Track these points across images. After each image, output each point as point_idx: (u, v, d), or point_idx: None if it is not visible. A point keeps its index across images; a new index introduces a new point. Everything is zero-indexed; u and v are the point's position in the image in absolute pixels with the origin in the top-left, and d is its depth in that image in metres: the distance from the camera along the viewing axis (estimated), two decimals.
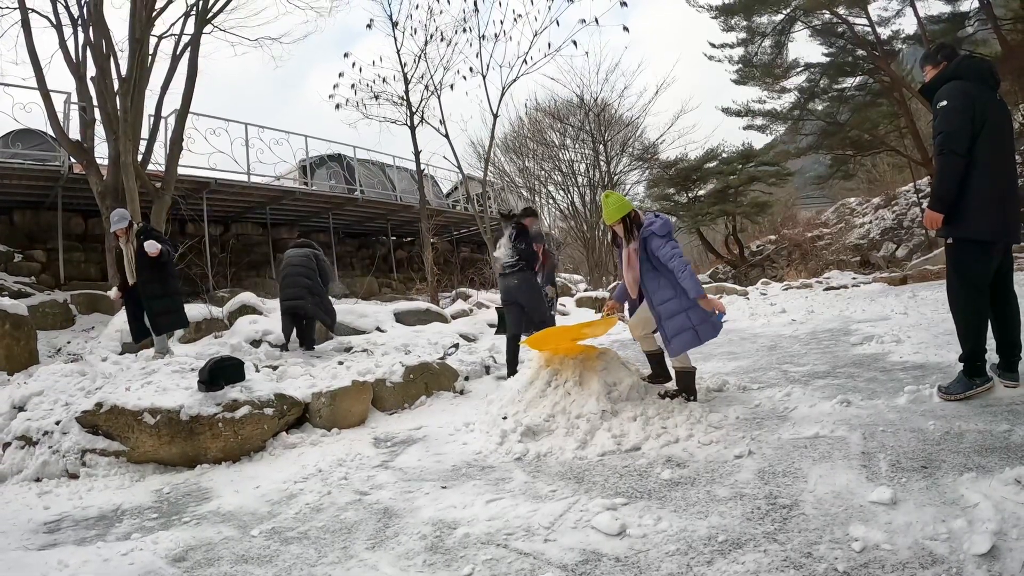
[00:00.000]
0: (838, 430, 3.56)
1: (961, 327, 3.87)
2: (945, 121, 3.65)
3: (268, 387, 5.39)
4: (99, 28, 11.50)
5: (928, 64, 4.06)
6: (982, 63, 3.93)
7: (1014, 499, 2.37)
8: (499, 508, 3.09)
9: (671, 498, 2.92)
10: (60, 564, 2.91)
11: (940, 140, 3.66)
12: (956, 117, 3.61)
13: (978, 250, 3.75)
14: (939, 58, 3.98)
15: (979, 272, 3.77)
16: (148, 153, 12.58)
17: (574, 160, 30.45)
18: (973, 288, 3.78)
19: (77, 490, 4.39)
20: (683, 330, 4.34)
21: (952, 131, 3.61)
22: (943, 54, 4.00)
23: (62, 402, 5.29)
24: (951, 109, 3.64)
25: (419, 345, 8.19)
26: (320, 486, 3.98)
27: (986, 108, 3.68)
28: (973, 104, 3.63)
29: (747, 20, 25.18)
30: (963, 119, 3.60)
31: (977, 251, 3.75)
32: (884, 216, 28.18)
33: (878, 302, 10.70)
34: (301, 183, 17.54)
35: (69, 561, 2.94)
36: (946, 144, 3.62)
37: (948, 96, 3.68)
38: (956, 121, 3.61)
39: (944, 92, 3.72)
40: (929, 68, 4.04)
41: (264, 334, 8.36)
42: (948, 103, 3.66)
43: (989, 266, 3.80)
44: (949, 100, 3.66)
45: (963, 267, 3.81)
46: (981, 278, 3.78)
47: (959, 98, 3.65)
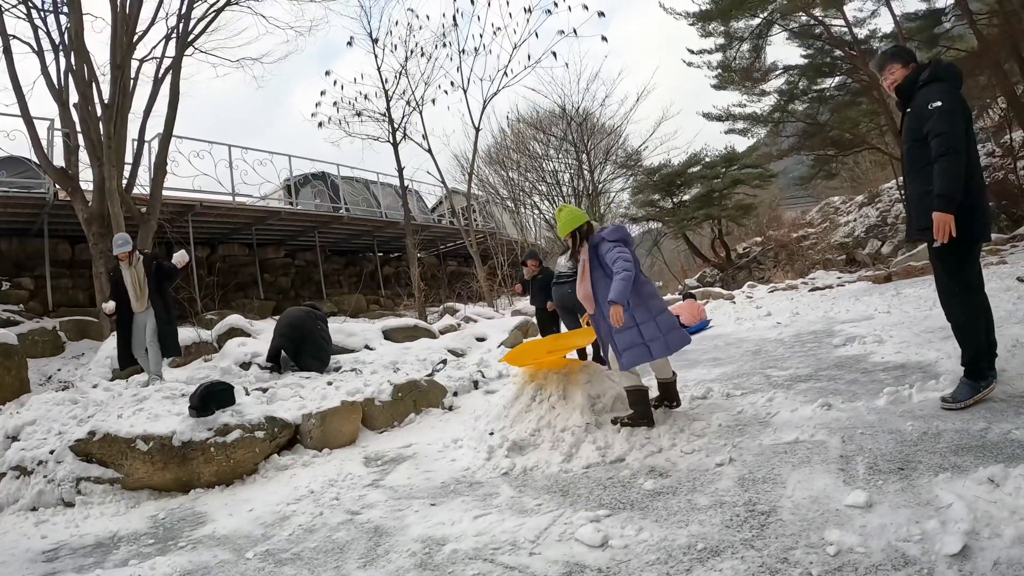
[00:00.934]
0: (818, 434, 3.62)
1: (962, 332, 3.78)
2: (947, 122, 3.59)
3: (259, 410, 5.45)
4: (80, 54, 11.52)
5: (897, 62, 4.03)
6: (955, 67, 3.96)
7: (987, 498, 2.42)
8: (486, 523, 3.15)
9: (653, 508, 2.98)
10: None
11: (943, 140, 3.58)
12: (955, 118, 3.61)
13: (968, 249, 3.72)
14: (907, 58, 4.01)
15: (972, 271, 3.74)
16: (132, 177, 12.60)
17: (558, 170, 30.54)
18: (969, 287, 3.73)
19: (73, 518, 4.45)
20: (634, 345, 4.16)
21: (953, 131, 3.58)
22: (910, 54, 4.04)
23: (55, 431, 5.34)
24: (950, 111, 3.62)
25: (407, 362, 8.23)
26: (312, 507, 4.03)
27: (968, 110, 3.76)
28: (964, 107, 3.70)
29: (724, 25, 25.34)
30: (960, 120, 3.62)
31: (968, 251, 3.72)
32: (868, 213, 28.40)
33: (862, 301, 10.78)
34: (286, 202, 17.57)
35: None
36: (950, 145, 3.55)
37: (943, 98, 3.66)
38: (956, 122, 3.60)
39: (935, 94, 3.70)
40: (898, 66, 4.01)
41: (253, 356, 8.38)
42: (945, 104, 3.63)
43: (978, 263, 3.81)
44: (945, 102, 3.64)
45: (956, 269, 3.73)
46: (978, 277, 3.76)
47: (956, 101, 3.67)
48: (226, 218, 15.99)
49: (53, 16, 12.15)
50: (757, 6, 24.01)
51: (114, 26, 11.96)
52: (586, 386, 4.57)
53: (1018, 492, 2.40)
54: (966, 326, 3.75)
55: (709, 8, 25.08)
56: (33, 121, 11.43)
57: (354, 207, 19.36)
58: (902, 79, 3.97)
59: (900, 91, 4.01)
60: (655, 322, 4.20)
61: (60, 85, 11.96)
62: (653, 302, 4.31)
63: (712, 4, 25.01)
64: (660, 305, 4.34)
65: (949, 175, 3.56)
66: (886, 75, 4.09)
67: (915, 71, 3.92)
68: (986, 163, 23.40)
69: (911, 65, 3.96)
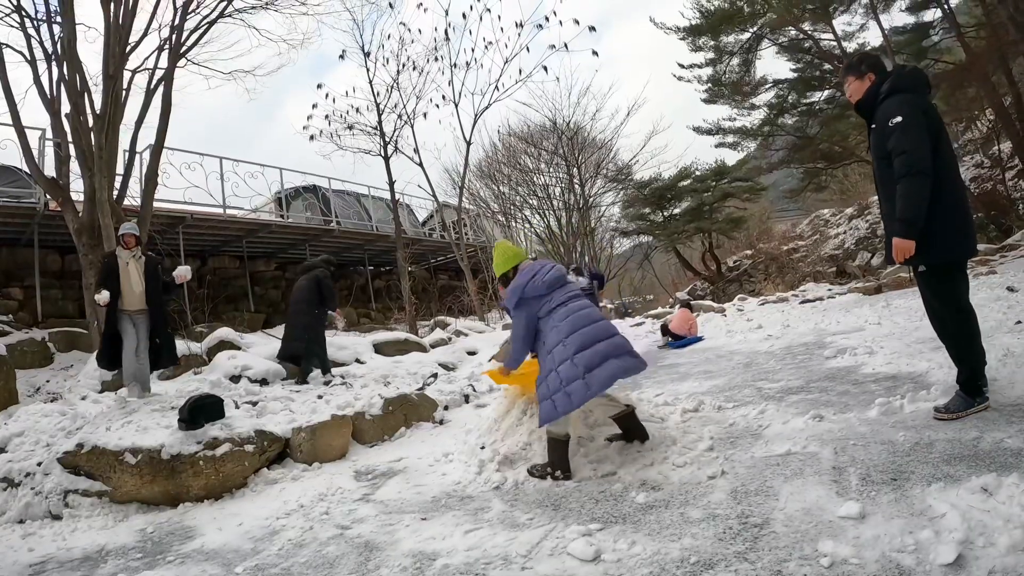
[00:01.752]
0: (810, 446, 3.61)
1: (956, 351, 3.66)
2: (906, 139, 3.40)
3: (248, 424, 5.41)
4: (72, 64, 11.49)
5: (851, 75, 3.83)
6: (918, 72, 3.76)
7: (980, 507, 2.41)
8: (477, 538, 3.12)
9: (645, 522, 2.96)
10: None
11: (904, 160, 3.39)
12: (917, 133, 3.39)
13: (956, 271, 3.59)
14: (863, 68, 3.79)
15: (962, 292, 3.60)
16: (123, 189, 12.54)
17: (549, 184, 30.67)
18: (960, 309, 3.59)
19: (61, 531, 4.41)
20: (543, 399, 3.88)
21: (915, 148, 3.37)
22: (868, 64, 3.81)
23: (43, 443, 5.32)
24: (910, 125, 3.41)
25: (398, 376, 8.21)
26: (302, 521, 4.00)
27: (939, 120, 3.57)
28: (927, 116, 3.47)
29: (714, 40, 25.59)
30: (923, 134, 3.40)
31: (955, 272, 3.59)
32: (858, 226, 28.59)
33: (853, 313, 10.83)
34: (277, 215, 17.59)
35: None
36: (912, 164, 3.36)
37: (902, 111, 3.45)
38: (918, 137, 3.39)
39: (895, 107, 3.50)
40: (852, 79, 3.82)
41: (243, 369, 8.34)
42: (904, 119, 3.42)
43: (968, 282, 3.68)
44: (905, 116, 3.43)
45: (945, 292, 3.59)
46: (965, 297, 3.61)
47: (915, 113, 3.44)
48: (217, 230, 15.99)
49: (46, 25, 12.14)
50: (746, 21, 24.27)
51: (107, 37, 11.95)
52: None
53: (1011, 500, 2.40)
54: (962, 347, 3.64)
55: (699, 23, 25.34)
56: (24, 130, 11.39)
57: (345, 220, 19.39)
58: (861, 93, 3.79)
59: (861, 107, 3.82)
60: (572, 361, 3.80)
61: (52, 95, 11.91)
62: (572, 337, 3.88)
63: (702, 19, 25.27)
64: (598, 331, 3.90)
65: (911, 198, 3.40)
66: (846, 89, 3.94)
67: (875, 83, 3.72)
68: (975, 174, 23.65)
69: (869, 76, 3.76)
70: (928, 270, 3.60)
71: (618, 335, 3.94)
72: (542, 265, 4.26)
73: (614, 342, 3.86)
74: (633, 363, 3.82)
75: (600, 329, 3.91)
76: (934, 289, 3.64)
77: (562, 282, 4.17)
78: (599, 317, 4.02)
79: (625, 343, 3.91)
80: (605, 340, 3.85)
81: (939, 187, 3.42)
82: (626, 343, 3.92)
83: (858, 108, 3.88)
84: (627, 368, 3.77)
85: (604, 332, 3.90)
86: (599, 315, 4.04)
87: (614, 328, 4.00)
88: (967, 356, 3.62)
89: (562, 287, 4.16)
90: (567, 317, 3.98)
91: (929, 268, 3.58)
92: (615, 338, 3.89)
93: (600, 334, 3.88)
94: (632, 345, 3.97)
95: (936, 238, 3.46)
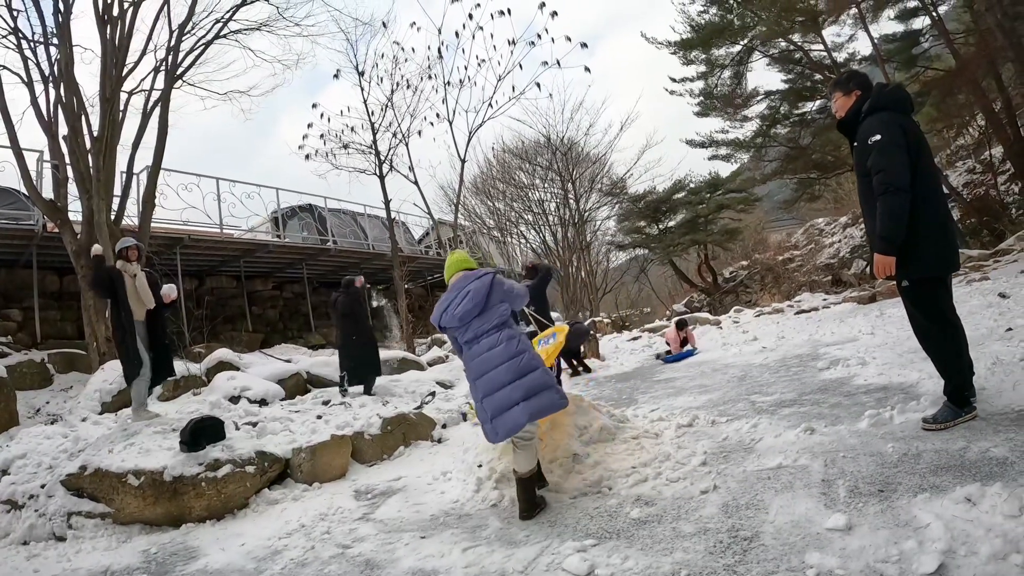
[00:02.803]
0: (801, 459, 3.67)
1: (941, 364, 3.70)
2: (884, 157, 3.45)
3: (249, 445, 5.46)
4: (70, 86, 11.61)
5: (839, 91, 3.91)
6: (900, 90, 3.81)
7: (964, 517, 2.47)
8: (475, 555, 3.18)
9: (639, 536, 3.02)
10: None
11: (882, 179, 3.44)
12: (895, 151, 3.45)
13: (939, 285, 3.61)
14: (851, 86, 3.85)
15: (946, 306, 3.62)
16: (121, 210, 12.62)
17: (544, 199, 30.77)
18: (945, 323, 3.62)
19: (65, 552, 4.45)
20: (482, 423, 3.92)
21: (892, 167, 3.43)
22: (856, 81, 3.87)
23: (46, 465, 5.38)
24: (888, 143, 3.46)
25: (396, 395, 8.25)
26: (304, 541, 4.05)
27: (919, 137, 3.61)
28: (906, 134, 3.52)
29: (705, 53, 25.72)
30: (901, 152, 3.46)
31: (938, 286, 3.61)
32: (852, 234, 28.70)
33: (847, 323, 10.88)
34: (274, 235, 17.63)
35: None
36: (890, 182, 3.41)
37: (881, 130, 3.51)
38: (896, 156, 3.45)
39: (874, 126, 3.56)
40: (839, 95, 3.89)
41: (242, 390, 8.38)
42: (883, 137, 3.48)
43: (951, 295, 3.70)
44: (883, 134, 3.49)
45: (928, 306, 3.62)
46: (950, 310, 3.63)
47: (893, 131, 3.49)
48: (214, 251, 16.04)
49: (43, 47, 12.26)
50: (737, 34, 24.42)
51: (104, 58, 12.09)
52: (573, 416, 4.61)
53: (994, 510, 2.45)
54: (948, 360, 3.68)
55: (690, 37, 25.48)
56: (22, 152, 11.49)
57: (341, 239, 19.46)
58: (844, 111, 3.85)
59: (844, 124, 3.88)
60: (481, 405, 3.83)
61: (49, 117, 12.01)
62: (478, 383, 3.88)
63: (693, 33, 25.42)
64: (491, 382, 3.80)
65: (889, 215, 3.47)
66: (832, 105, 4.00)
67: (858, 101, 3.78)
68: (967, 180, 23.78)
69: (855, 93, 3.81)
70: (911, 285, 3.64)
71: (521, 378, 3.74)
72: (460, 290, 4.00)
73: (519, 385, 3.72)
74: (537, 406, 3.68)
75: (499, 376, 3.77)
76: (917, 303, 3.67)
77: (475, 312, 3.91)
78: (501, 360, 3.80)
79: (532, 384, 3.72)
80: (507, 387, 3.72)
81: (920, 203, 3.48)
82: (533, 384, 3.73)
83: (841, 125, 3.94)
84: (533, 412, 3.67)
85: (504, 379, 3.75)
86: (501, 357, 3.81)
87: (518, 371, 3.76)
88: (952, 369, 3.66)
89: (479, 315, 3.93)
90: (472, 360, 3.93)
91: (912, 283, 3.63)
92: (519, 381, 3.73)
93: (501, 380, 3.75)
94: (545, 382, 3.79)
95: (918, 253, 3.51)
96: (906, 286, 3.66)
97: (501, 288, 3.98)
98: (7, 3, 11.83)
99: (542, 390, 3.71)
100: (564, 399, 3.83)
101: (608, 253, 34.83)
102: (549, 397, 3.73)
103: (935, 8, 20.86)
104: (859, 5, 21.31)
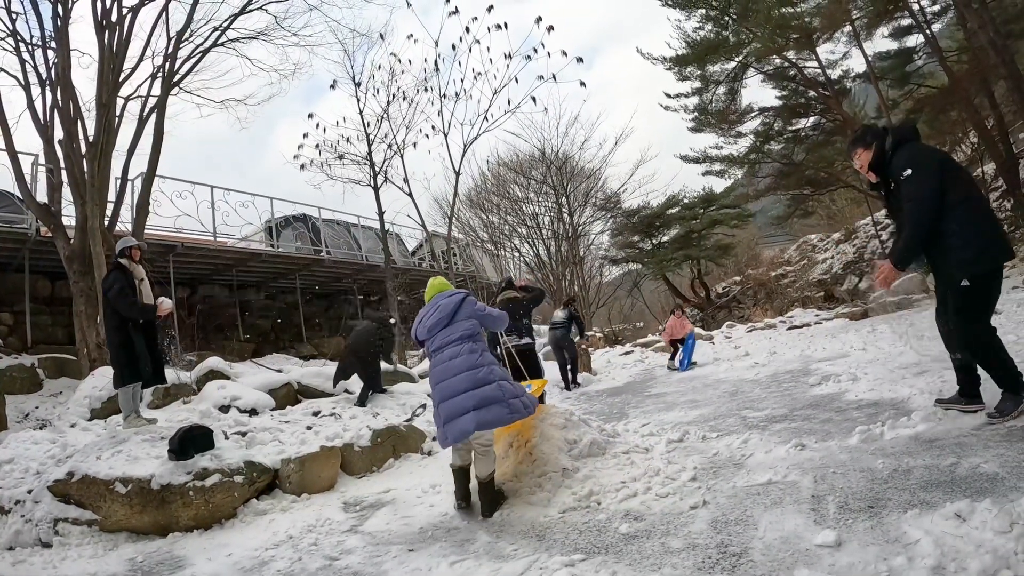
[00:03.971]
0: (791, 475, 3.66)
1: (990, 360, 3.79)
2: (915, 187, 3.69)
3: (238, 454, 5.42)
4: (66, 90, 11.62)
5: (859, 147, 4.11)
6: (911, 124, 4.13)
7: (953, 533, 2.47)
8: (463, 569, 3.15)
9: (627, 552, 3.00)
10: None
11: (912, 208, 3.70)
12: (926, 179, 3.67)
13: (997, 280, 3.78)
14: (869, 139, 4.07)
15: (993, 305, 3.80)
16: (115, 216, 12.61)
17: (538, 213, 30.82)
18: (987, 324, 3.76)
19: (51, 559, 4.40)
20: None
21: (922, 197, 3.65)
22: (872, 134, 4.09)
23: (33, 470, 5.35)
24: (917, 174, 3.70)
25: (387, 407, 8.20)
26: (291, 552, 4.01)
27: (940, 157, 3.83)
28: (931, 155, 3.78)
29: (700, 70, 25.86)
30: (932, 180, 3.66)
31: (996, 281, 3.77)
32: (845, 250, 28.82)
33: (839, 339, 10.92)
34: (267, 244, 17.61)
35: None
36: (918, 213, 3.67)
37: (911, 164, 3.73)
38: (927, 185, 3.66)
39: (903, 160, 3.78)
40: (861, 151, 4.09)
41: (233, 399, 8.32)
42: (914, 171, 3.71)
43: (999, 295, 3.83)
44: (914, 168, 3.72)
45: (983, 304, 3.76)
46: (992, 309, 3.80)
47: (921, 159, 3.74)
48: (208, 259, 16.00)
49: (41, 51, 12.29)
50: (732, 50, 24.57)
51: (101, 64, 12.10)
52: (563, 431, 4.60)
53: (984, 526, 2.45)
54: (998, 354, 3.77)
55: (685, 53, 25.63)
56: (18, 155, 11.50)
57: (335, 250, 19.46)
58: (871, 159, 4.04)
59: (875, 168, 4.05)
60: (437, 410, 4.22)
61: (46, 120, 12.02)
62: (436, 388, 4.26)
63: (688, 49, 25.57)
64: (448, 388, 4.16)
65: (912, 238, 3.75)
66: (854, 160, 4.19)
67: (879, 147, 3.99)
68: None
69: (872, 145, 4.03)
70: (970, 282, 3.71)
71: (476, 389, 4.04)
72: (434, 305, 4.50)
73: (473, 395, 4.02)
74: (486, 417, 3.96)
75: (456, 383, 4.10)
76: (973, 300, 3.75)
77: (443, 323, 4.37)
78: (461, 369, 4.14)
79: (484, 396, 4.01)
80: (461, 395, 4.04)
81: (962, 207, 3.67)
82: (486, 396, 4.01)
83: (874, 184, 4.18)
84: (481, 423, 3.96)
85: (460, 387, 4.07)
86: (461, 367, 4.15)
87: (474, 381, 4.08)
88: (1000, 367, 3.77)
89: (445, 327, 4.37)
90: (435, 367, 4.32)
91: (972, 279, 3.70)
92: (474, 391, 4.03)
93: (456, 388, 4.09)
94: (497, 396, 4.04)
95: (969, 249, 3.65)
96: (965, 285, 3.72)
97: (471, 307, 4.46)
98: (6, 5, 11.88)
99: (493, 403, 3.99)
100: (515, 414, 4.07)
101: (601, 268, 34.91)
102: (498, 411, 4.00)
103: (929, 26, 21.04)
104: (853, 23, 21.47)
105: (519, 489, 4.25)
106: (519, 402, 4.11)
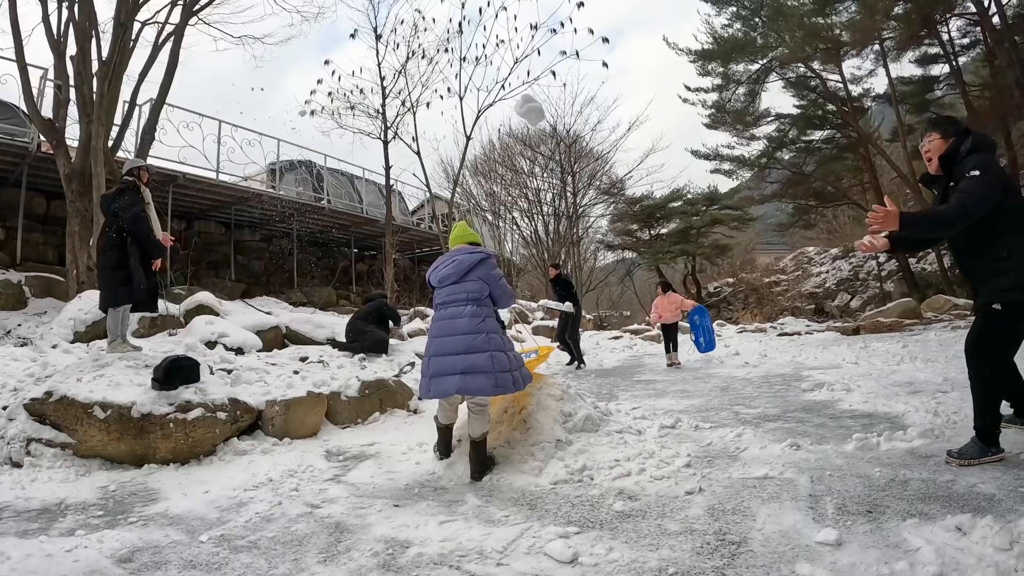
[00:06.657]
0: (787, 472, 3.64)
1: (985, 396, 3.62)
2: (975, 185, 3.52)
3: (222, 391, 5.33)
4: (84, 7, 11.35)
5: (938, 132, 3.94)
6: (990, 137, 3.94)
7: (954, 545, 2.46)
8: (452, 530, 3.09)
9: (623, 529, 2.95)
10: (2, 555, 2.83)
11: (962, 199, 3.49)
12: (986, 185, 3.51)
13: None
14: (952, 130, 3.92)
15: (1020, 342, 3.63)
16: (119, 139, 12.44)
17: (541, 188, 30.72)
18: (1007, 358, 3.64)
19: (20, 480, 4.29)
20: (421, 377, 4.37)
21: (976, 194, 3.49)
22: (955, 127, 3.95)
23: (10, 387, 5.25)
24: (983, 178, 3.53)
25: (376, 361, 8.14)
26: (271, 496, 3.94)
27: (1006, 177, 3.71)
28: (1002, 175, 3.65)
29: (724, 67, 25.80)
30: (991, 191, 3.51)
31: None
32: (841, 267, 28.94)
33: (830, 350, 10.94)
34: (269, 186, 17.43)
35: (11, 553, 2.85)
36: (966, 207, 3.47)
37: (981, 167, 3.59)
38: (984, 191, 3.50)
39: (975, 162, 3.64)
40: (938, 137, 3.92)
41: (220, 336, 8.24)
42: (981, 173, 3.55)
43: None
44: (982, 171, 3.56)
45: (1007, 335, 3.58)
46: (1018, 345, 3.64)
47: (991, 170, 3.59)
48: (207, 194, 15.83)
49: None
50: (758, 52, 24.49)
51: None
52: (559, 403, 4.55)
53: (985, 541, 2.45)
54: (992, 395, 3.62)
55: (711, 48, 25.51)
56: (27, 68, 11.27)
57: (336, 199, 19.27)
58: (943, 149, 3.88)
59: (945, 161, 3.88)
60: (428, 361, 4.21)
61: (59, 35, 11.78)
62: (433, 341, 4.24)
63: (714, 44, 25.44)
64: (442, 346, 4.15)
65: (940, 222, 3.59)
66: (925, 143, 4.01)
67: (958, 143, 3.83)
68: None
69: (951, 139, 3.86)
70: (1003, 308, 3.54)
71: (468, 354, 4.03)
72: (451, 257, 4.44)
73: (463, 359, 4.02)
74: (470, 384, 3.97)
75: (451, 344, 4.10)
76: (1000, 327, 3.59)
77: (453, 279, 4.32)
78: (460, 331, 4.13)
79: (474, 363, 4.00)
80: (452, 356, 4.06)
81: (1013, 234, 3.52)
82: (475, 364, 4.00)
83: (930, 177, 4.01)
84: (462, 388, 3.99)
85: (453, 348, 4.08)
86: (460, 328, 4.14)
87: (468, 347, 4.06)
88: (989, 404, 3.61)
89: (455, 283, 4.32)
90: (437, 321, 4.30)
91: (1004, 306, 3.53)
92: (465, 356, 4.03)
93: (449, 348, 4.09)
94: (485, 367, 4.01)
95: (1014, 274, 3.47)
96: (997, 309, 3.56)
97: (487, 269, 4.35)
98: None
99: (480, 373, 3.97)
100: (499, 388, 4.02)
101: (597, 251, 34.90)
102: (483, 382, 3.97)
103: (956, 58, 21.01)
104: (882, 42, 21.38)
105: (510, 456, 4.20)
106: (508, 376, 4.05)
